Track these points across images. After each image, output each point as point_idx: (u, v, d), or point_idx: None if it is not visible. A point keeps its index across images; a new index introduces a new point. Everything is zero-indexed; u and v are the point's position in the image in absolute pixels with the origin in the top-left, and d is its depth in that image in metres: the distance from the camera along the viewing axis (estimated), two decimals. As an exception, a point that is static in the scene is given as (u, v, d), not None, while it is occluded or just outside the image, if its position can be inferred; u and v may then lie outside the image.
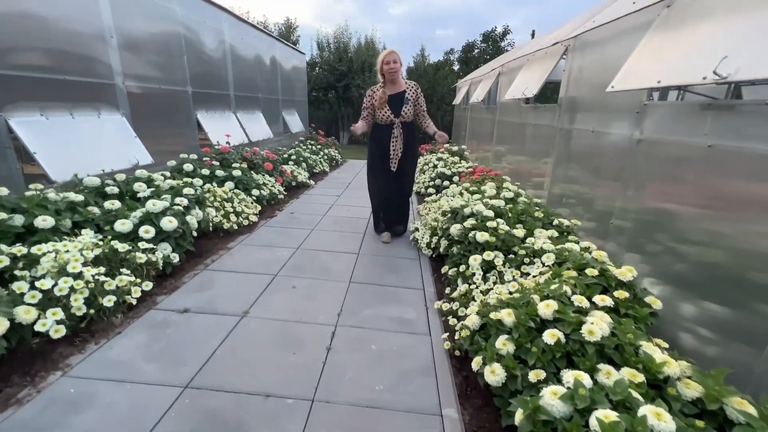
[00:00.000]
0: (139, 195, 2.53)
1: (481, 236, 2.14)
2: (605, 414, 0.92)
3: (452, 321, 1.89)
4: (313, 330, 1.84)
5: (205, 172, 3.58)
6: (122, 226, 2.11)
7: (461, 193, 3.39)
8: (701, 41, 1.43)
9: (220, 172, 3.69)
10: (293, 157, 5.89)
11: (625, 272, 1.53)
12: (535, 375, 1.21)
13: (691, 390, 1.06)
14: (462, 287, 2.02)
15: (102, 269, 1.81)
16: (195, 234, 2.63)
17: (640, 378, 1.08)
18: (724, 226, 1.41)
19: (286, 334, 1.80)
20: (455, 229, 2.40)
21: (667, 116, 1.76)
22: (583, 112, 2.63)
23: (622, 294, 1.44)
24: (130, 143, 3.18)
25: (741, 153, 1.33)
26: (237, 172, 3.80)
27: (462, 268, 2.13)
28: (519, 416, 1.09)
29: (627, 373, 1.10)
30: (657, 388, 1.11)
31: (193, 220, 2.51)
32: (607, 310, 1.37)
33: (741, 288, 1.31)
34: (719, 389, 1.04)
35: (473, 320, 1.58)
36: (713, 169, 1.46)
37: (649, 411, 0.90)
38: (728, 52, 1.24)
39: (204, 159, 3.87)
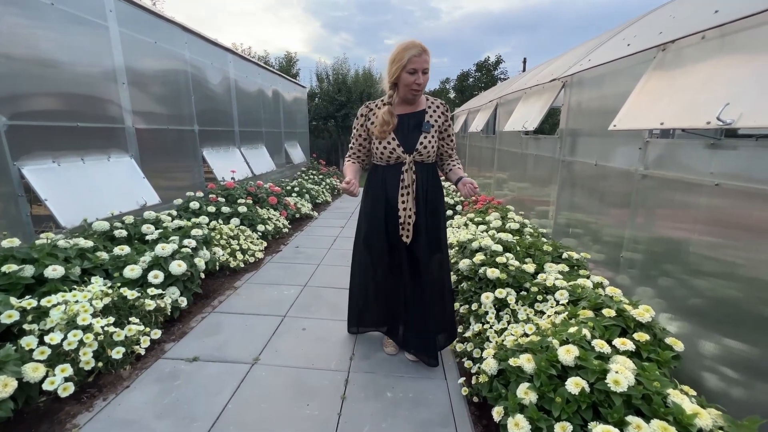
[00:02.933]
0: (147, 237, 2.53)
1: (492, 273, 2.13)
2: (642, 478, 0.88)
3: (467, 363, 1.85)
4: (326, 377, 1.80)
5: (211, 209, 3.61)
6: (131, 272, 2.10)
7: (466, 224, 3.40)
8: (701, 85, 1.48)
9: (225, 209, 3.71)
10: (296, 189, 5.95)
11: (643, 312, 1.51)
12: (561, 429, 1.17)
13: (726, 444, 1.03)
14: (475, 327, 1.99)
15: (111, 319, 1.79)
16: (203, 275, 2.61)
17: (672, 432, 1.05)
18: (745, 255, 1.40)
19: (299, 382, 1.75)
20: (464, 264, 2.39)
21: (671, 153, 1.80)
22: (584, 145, 2.68)
23: (642, 336, 1.41)
24: (138, 184, 3.22)
25: (748, 191, 1.34)
26: (242, 209, 3.82)
27: (474, 306, 2.10)
28: (549, 477, 1.05)
29: (658, 426, 1.06)
30: (691, 440, 1.08)
31: (201, 262, 2.50)
32: (628, 354, 1.35)
33: (761, 322, 1.29)
34: (755, 442, 1.00)
35: (490, 365, 1.54)
36: (721, 204, 1.47)
37: (688, 474, 0.86)
38: (730, 98, 1.28)
39: (209, 195, 3.91)
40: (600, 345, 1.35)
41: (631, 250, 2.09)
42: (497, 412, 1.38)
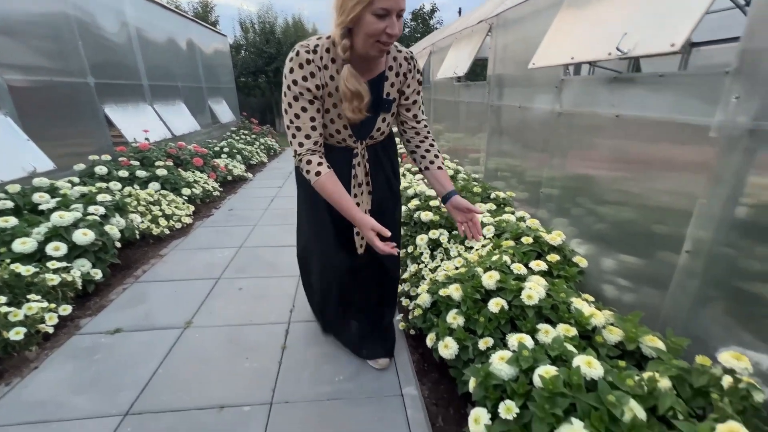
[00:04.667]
0: (41, 207, 2.19)
1: (426, 216, 2.19)
2: (546, 370, 1.00)
3: (405, 302, 1.94)
4: (265, 331, 1.77)
5: (123, 173, 3.21)
6: (23, 245, 1.82)
7: (404, 174, 3.43)
8: (605, 19, 1.55)
9: (141, 173, 3.33)
10: (226, 149, 5.50)
11: (555, 237, 1.67)
12: (484, 343, 1.28)
13: (614, 335, 1.20)
14: (412, 268, 2.07)
15: (3, 299, 1.56)
16: (119, 245, 2.36)
17: (573, 332, 1.19)
18: (634, 186, 1.57)
19: (237, 339, 1.71)
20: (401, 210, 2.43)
21: (581, 90, 1.91)
22: (510, 89, 2.76)
23: (553, 257, 1.57)
24: (21, 148, 2.73)
25: (642, 121, 1.48)
26: (162, 171, 3.45)
27: (410, 248, 2.17)
28: (472, 384, 1.15)
29: (562, 329, 1.21)
30: (587, 338, 1.24)
31: (113, 229, 2.24)
32: (542, 273, 1.49)
33: (648, 239, 1.50)
34: (635, 331, 1.18)
35: (424, 299, 1.62)
36: (621, 136, 1.62)
37: (581, 361, 0.99)
38: (627, 29, 1.36)
39: (120, 159, 3.46)
40: (518, 268, 1.47)
41: (549, 186, 2.26)
42: (430, 339, 1.47)
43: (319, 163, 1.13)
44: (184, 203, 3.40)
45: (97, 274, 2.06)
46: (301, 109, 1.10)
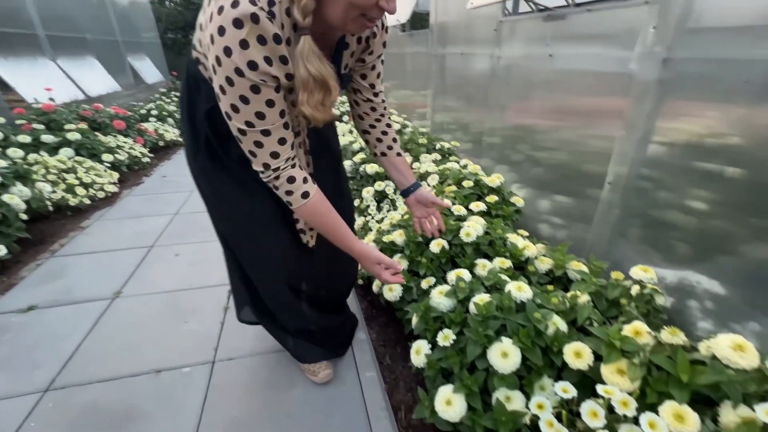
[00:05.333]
0: None
1: (371, 168, 2.15)
2: (480, 298, 1.04)
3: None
4: (206, 294, 1.68)
5: (25, 138, 2.77)
6: None
7: (351, 131, 3.32)
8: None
9: (48, 138, 2.90)
10: (154, 112, 4.96)
11: (494, 179, 1.71)
12: (426, 283, 1.31)
13: (545, 264, 1.28)
14: (359, 221, 2.05)
15: None
16: (25, 217, 2.07)
17: (508, 263, 1.25)
18: (566, 132, 1.63)
19: (175, 304, 1.61)
20: (346, 165, 2.36)
21: (518, 30, 1.90)
22: (452, 35, 2.69)
23: (492, 198, 1.61)
24: None
25: (572, 57, 1.51)
26: (74, 135, 3.03)
27: (357, 202, 2.14)
28: (414, 320, 1.18)
29: (498, 262, 1.26)
30: (521, 269, 1.31)
31: (15, 200, 1.95)
32: (481, 213, 1.53)
33: (578, 179, 1.58)
34: (563, 258, 1.27)
35: (370, 248, 1.62)
36: (555, 77, 1.64)
37: (512, 286, 1.04)
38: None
39: (18, 123, 2.97)
40: (458, 210, 1.49)
41: (490, 135, 2.30)
42: (376, 285, 1.48)
43: (305, 179, 0.83)
44: (106, 170, 3.04)
45: (1, 251, 1.80)
46: (266, 104, 0.72)
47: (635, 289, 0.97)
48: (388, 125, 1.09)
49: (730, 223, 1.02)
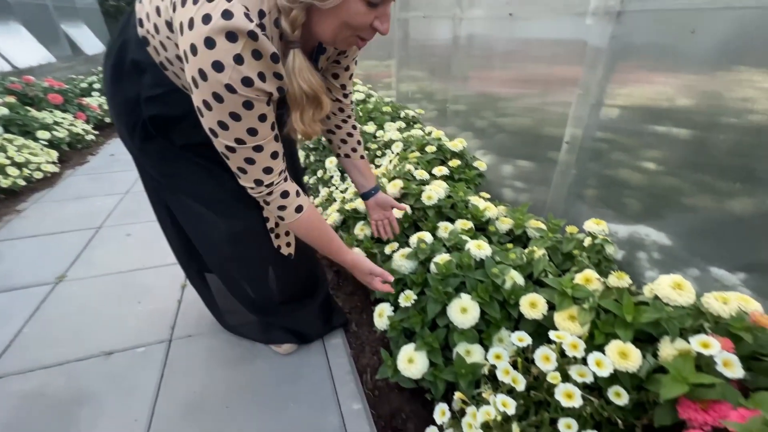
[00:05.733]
0: None
1: (334, 138, 2.07)
2: (441, 257, 1.04)
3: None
4: (162, 272, 1.59)
5: (-60, 114, 2.46)
6: None
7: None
8: None
9: (-32, 113, 2.58)
10: (97, 86, 4.53)
11: (457, 144, 1.70)
12: (390, 248, 1.29)
13: (505, 224, 1.29)
14: (323, 192, 1.99)
15: None
16: (-54, 200, 1.86)
17: (470, 225, 1.25)
18: (527, 98, 1.63)
19: (126, 285, 1.52)
20: (308, 136, 2.27)
21: (479, -10, 1.84)
22: (414, -2, 2.59)
23: (455, 162, 1.60)
24: None
25: (531, 14, 1.48)
26: (1, 110, 2.72)
27: (320, 173, 2.07)
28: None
29: (460, 224, 1.26)
30: (482, 230, 1.32)
31: (-70, 180, 1.74)
32: (444, 178, 1.52)
33: (538, 143, 1.60)
34: (522, 218, 1.28)
35: (334, 218, 1.58)
36: (515, 38, 1.62)
37: (472, 245, 1.05)
38: None
39: (-69, 96, 2.62)
40: (420, 174, 1.47)
41: (454, 102, 2.27)
42: (347, 242, 1.45)
43: (297, 193, 0.80)
44: (42, 149, 2.77)
45: None
46: (258, 119, 0.66)
47: (587, 241, 1.00)
48: (354, 127, 1.07)
49: (676, 179, 1.06)
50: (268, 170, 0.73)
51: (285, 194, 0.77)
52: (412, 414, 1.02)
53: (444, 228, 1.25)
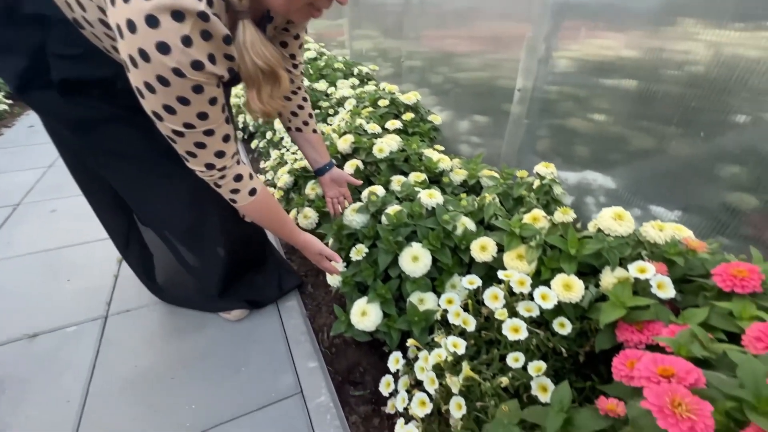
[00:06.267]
0: None
1: (282, 96, 1.93)
2: (392, 209, 1.00)
3: (271, 191, 1.78)
4: (94, 248, 1.45)
5: None
6: None
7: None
8: None
9: None
10: (6, 48, 3.93)
11: (410, 96, 1.63)
12: (350, 212, 1.24)
13: (459, 175, 1.27)
14: (274, 155, 1.87)
15: None
16: None
17: (423, 177, 1.22)
18: (479, 53, 1.59)
19: (53, 264, 1.37)
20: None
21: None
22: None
23: (408, 116, 1.54)
24: None
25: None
26: None
27: (269, 135, 1.94)
28: (331, 242, 1.13)
29: (413, 176, 1.22)
30: (437, 182, 1.29)
31: None
32: (397, 132, 1.46)
33: (492, 96, 1.57)
34: (476, 168, 1.27)
35: (285, 180, 1.49)
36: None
37: (423, 194, 1.01)
38: None
39: None
40: (372, 128, 1.40)
41: (409, 58, 2.17)
42: (292, 214, 1.38)
43: (251, 176, 0.77)
44: (-60, 119, 2.39)
45: None
46: (209, 103, 0.60)
47: (537, 184, 1.00)
48: (305, 99, 1.00)
49: (621, 127, 1.09)
50: (219, 154, 0.67)
51: (238, 177, 0.73)
52: (370, 367, 1.01)
53: (397, 181, 1.21)
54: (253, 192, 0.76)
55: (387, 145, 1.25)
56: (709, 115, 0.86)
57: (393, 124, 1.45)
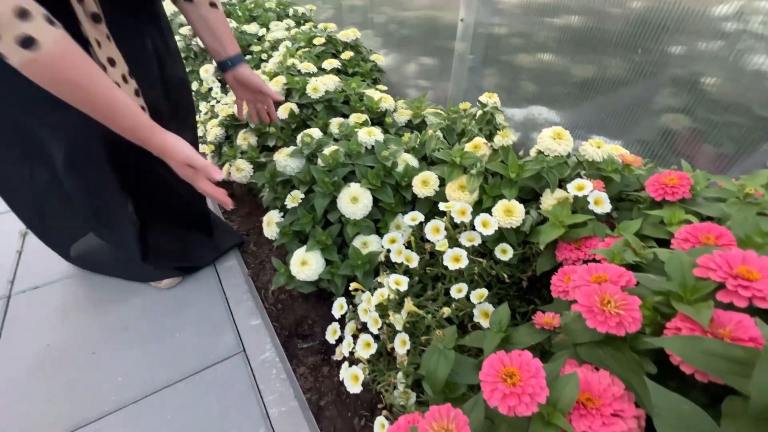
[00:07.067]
0: None
1: (205, 39, 1.69)
2: (328, 149, 0.91)
3: (203, 148, 1.61)
4: (-9, 224, 1.24)
5: None
6: None
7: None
8: None
9: None
10: None
11: (349, 33, 1.50)
12: (279, 154, 1.13)
13: (404, 115, 1.19)
14: (204, 107, 1.67)
15: None
16: None
17: (364, 118, 1.13)
18: None
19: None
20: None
21: None
22: None
23: (348, 54, 1.41)
24: None
25: None
26: None
27: (195, 85, 1.72)
28: (266, 195, 1.03)
29: (353, 117, 1.13)
30: (380, 124, 1.21)
31: None
32: (336, 72, 1.34)
33: (436, 35, 1.47)
34: (421, 107, 1.19)
35: (216, 133, 1.34)
36: None
37: (362, 132, 0.93)
38: None
39: None
40: (307, 67, 1.27)
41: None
42: (225, 171, 1.25)
43: (50, 20, 0.49)
44: None
45: None
46: None
47: (479, 114, 0.95)
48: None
49: (565, 60, 1.06)
50: None
51: (23, 14, 0.45)
52: (319, 318, 0.97)
53: (336, 124, 1.11)
54: (50, 40, 0.48)
55: (322, 84, 1.13)
56: (648, 45, 0.85)
57: (330, 63, 1.32)
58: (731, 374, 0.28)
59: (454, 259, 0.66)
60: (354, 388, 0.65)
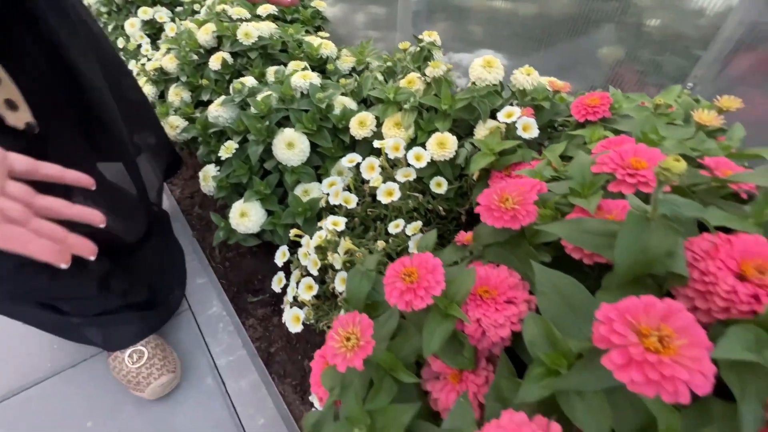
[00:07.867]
0: None
1: (127, -11, 1.52)
2: (260, 95, 0.86)
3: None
4: None
5: None
6: None
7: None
8: None
9: None
10: None
11: (286, -24, 1.38)
12: (215, 107, 1.06)
13: (347, 63, 1.14)
14: (135, 67, 1.53)
15: None
16: None
17: (303, 65, 1.07)
18: None
19: None
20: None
21: None
22: None
23: (285, 0, 1.31)
24: None
25: None
26: None
27: (121, 42, 1.56)
28: (201, 150, 0.98)
29: (292, 65, 1.06)
30: (322, 71, 1.15)
31: None
32: (272, 19, 1.25)
33: None
34: (364, 53, 1.14)
35: (148, 90, 1.23)
36: None
37: (296, 76, 0.88)
38: None
39: None
40: (238, 12, 1.17)
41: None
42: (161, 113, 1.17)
43: None
44: None
45: None
46: None
47: (416, 50, 0.92)
48: None
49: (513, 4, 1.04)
50: None
51: None
52: (269, 272, 0.95)
53: (272, 72, 1.05)
54: None
55: (255, 29, 1.05)
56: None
57: (266, 9, 1.22)
58: (606, 248, 0.30)
59: (387, 194, 0.65)
60: (295, 328, 0.65)
